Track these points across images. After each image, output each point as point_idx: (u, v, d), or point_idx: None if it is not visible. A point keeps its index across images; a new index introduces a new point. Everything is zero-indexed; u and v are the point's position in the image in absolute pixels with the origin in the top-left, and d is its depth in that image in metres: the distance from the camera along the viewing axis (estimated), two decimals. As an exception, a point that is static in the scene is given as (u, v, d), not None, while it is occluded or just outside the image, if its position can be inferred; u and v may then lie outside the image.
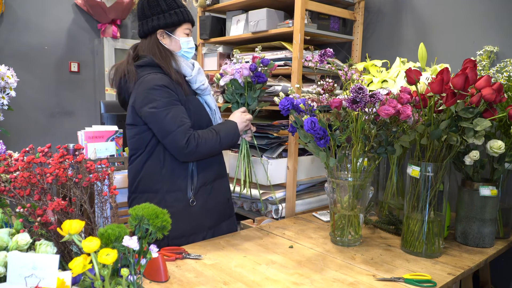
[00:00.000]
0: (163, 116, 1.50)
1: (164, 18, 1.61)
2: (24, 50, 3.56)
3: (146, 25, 1.63)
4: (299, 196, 2.16)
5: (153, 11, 1.61)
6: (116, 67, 1.65)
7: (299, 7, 1.98)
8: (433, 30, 2.14)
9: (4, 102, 1.96)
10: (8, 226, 1.11)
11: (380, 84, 1.87)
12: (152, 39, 1.63)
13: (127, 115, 1.62)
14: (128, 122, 1.62)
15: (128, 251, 0.90)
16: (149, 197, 1.59)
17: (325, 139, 1.49)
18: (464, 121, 1.41)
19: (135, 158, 1.62)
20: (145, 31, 1.64)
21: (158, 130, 1.53)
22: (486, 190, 1.56)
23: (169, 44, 1.65)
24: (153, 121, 1.52)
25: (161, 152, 1.58)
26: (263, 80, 1.80)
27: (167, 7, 1.61)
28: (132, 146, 1.63)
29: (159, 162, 1.58)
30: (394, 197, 1.85)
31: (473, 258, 1.48)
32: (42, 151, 1.17)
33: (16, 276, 0.89)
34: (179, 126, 1.50)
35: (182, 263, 1.37)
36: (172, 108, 1.51)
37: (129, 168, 1.65)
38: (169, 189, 1.59)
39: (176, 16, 1.62)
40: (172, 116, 1.50)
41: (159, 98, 1.50)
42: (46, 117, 3.75)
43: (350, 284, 1.24)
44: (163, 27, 1.62)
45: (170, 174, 1.59)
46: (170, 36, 1.64)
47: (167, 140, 1.52)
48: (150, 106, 1.50)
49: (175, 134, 1.49)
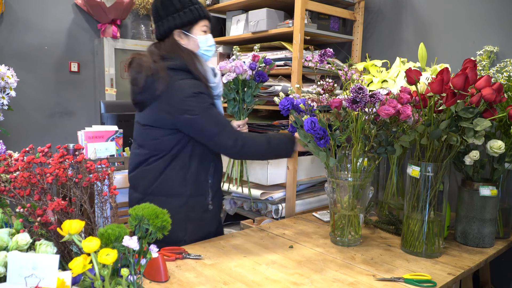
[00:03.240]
0: (204, 121, 1.48)
1: (180, 17, 1.55)
2: (24, 50, 3.55)
3: (162, 26, 1.57)
4: (299, 196, 2.16)
5: (167, 11, 1.55)
6: (138, 63, 1.53)
7: (299, 7, 1.98)
8: (433, 30, 2.14)
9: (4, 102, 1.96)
10: (8, 226, 1.11)
11: (380, 84, 1.87)
12: (170, 40, 1.57)
13: (149, 116, 1.55)
14: (149, 124, 1.55)
15: (128, 251, 0.90)
16: (169, 200, 1.53)
17: (325, 139, 1.49)
18: (464, 121, 1.41)
19: (156, 159, 1.56)
20: (162, 33, 1.58)
21: (201, 135, 1.52)
22: (486, 190, 1.56)
23: (187, 44, 1.58)
24: (194, 127, 1.50)
25: (186, 156, 1.55)
26: (266, 79, 1.82)
27: (181, 6, 1.55)
28: (154, 147, 1.56)
29: (184, 167, 1.56)
30: (394, 197, 1.85)
31: (473, 258, 1.48)
32: (42, 151, 1.17)
33: (16, 276, 0.89)
34: (223, 128, 1.51)
35: (182, 263, 1.37)
36: (211, 112, 1.50)
37: (146, 169, 1.58)
38: (192, 194, 1.58)
39: (192, 14, 1.56)
40: (213, 120, 1.50)
41: (197, 105, 1.48)
42: (46, 117, 3.75)
43: (350, 284, 1.24)
44: (179, 27, 1.56)
45: (194, 179, 1.58)
46: (188, 36, 1.58)
47: (213, 143, 1.52)
48: (189, 113, 1.47)
49: (221, 135, 1.50)
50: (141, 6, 3.94)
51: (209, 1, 2.47)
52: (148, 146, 1.58)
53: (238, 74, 1.78)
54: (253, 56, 1.83)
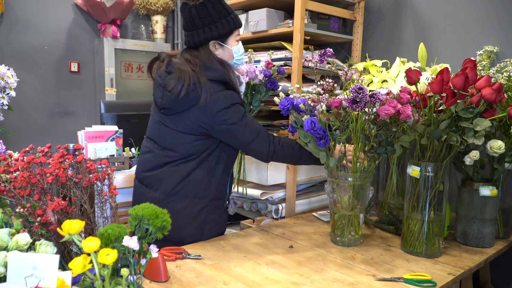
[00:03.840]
0: (241, 130, 1.53)
1: (217, 29, 1.52)
2: (24, 50, 3.55)
3: (198, 36, 1.53)
4: (299, 196, 2.16)
5: (204, 22, 1.51)
6: (179, 68, 1.50)
7: (299, 7, 1.98)
8: (433, 30, 2.14)
9: (4, 102, 1.96)
10: (8, 226, 1.11)
11: (380, 84, 1.87)
12: (205, 50, 1.55)
13: (181, 122, 1.53)
14: (180, 129, 1.54)
15: (128, 251, 0.90)
16: (192, 202, 1.57)
17: (325, 139, 1.49)
18: (464, 121, 1.41)
19: (184, 162, 1.56)
20: (196, 43, 1.55)
21: (238, 142, 1.57)
22: (486, 190, 1.56)
23: (222, 55, 1.58)
24: (232, 136, 1.54)
25: (214, 160, 1.59)
26: (276, 87, 1.86)
27: (218, 16, 1.52)
28: (184, 151, 1.56)
29: (210, 171, 1.59)
30: (394, 197, 1.85)
31: (473, 258, 1.48)
32: (42, 151, 1.17)
33: (16, 276, 0.89)
34: (258, 134, 1.56)
35: (182, 263, 1.37)
36: (246, 120, 1.54)
37: (170, 170, 1.57)
38: (215, 197, 1.62)
39: (228, 25, 1.54)
40: (249, 128, 1.54)
41: (233, 115, 1.51)
42: (46, 117, 3.75)
43: (350, 284, 1.24)
44: (216, 38, 1.54)
45: (218, 183, 1.62)
46: (223, 46, 1.57)
47: (249, 149, 1.59)
48: (226, 123, 1.50)
49: (256, 142, 1.56)
50: (141, 6, 3.94)
51: (209, 1, 2.47)
52: (177, 149, 1.57)
53: (250, 79, 1.81)
54: (267, 63, 1.84)
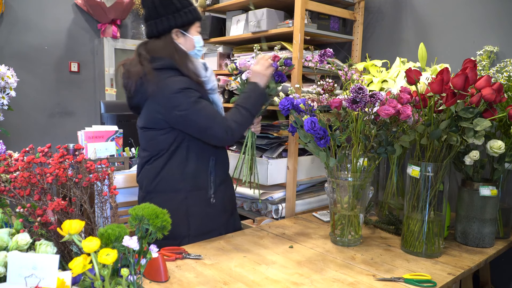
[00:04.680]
0: (195, 116, 1.50)
1: (180, 17, 1.57)
2: (24, 50, 3.56)
3: (161, 24, 1.57)
4: (299, 196, 2.16)
5: (168, 10, 1.56)
6: (127, 68, 1.58)
7: (299, 7, 1.98)
8: (433, 30, 2.14)
9: (4, 102, 1.96)
10: (8, 226, 1.11)
11: (380, 84, 1.87)
12: (167, 39, 1.59)
13: (144, 118, 1.59)
14: (145, 126, 1.59)
15: (128, 251, 0.90)
16: (169, 196, 1.58)
17: (325, 139, 1.49)
18: (464, 121, 1.41)
19: (156, 158, 1.59)
20: (159, 31, 1.58)
21: (193, 129, 1.54)
22: (486, 190, 1.56)
23: (183, 43, 1.62)
24: (185, 123, 1.52)
25: (183, 151, 1.58)
26: (284, 80, 1.80)
27: (181, 6, 1.58)
28: (154, 147, 1.59)
29: (182, 162, 1.58)
30: (394, 197, 1.85)
31: (473, 258, 1.48)
32: (42, 151, 1.17)
33: (16, 276, 0.89)
34: (213, 120, 1.52)
35: (182, 263, 1.37)
36: (200, 106, 1.52)
37: (147, 168, 1.62)
38: (192, 188, 1.60)
39: (191, 15, 1.60)
40: (203, 114, 1.51)
41: (185, 100, 1.50)
42: (46, 117, 3.75)
43: (350, 284, 1.24)
44: (179, 26, 1.58)
45: (193, 174, 1.60)
46: (185, 35, 1.61)
47: (205, 136, 1.55)
48: (178, 109, 1.49)
49: (212, 129, 1.52)
50: (141, 6, 3.94)
51: (209, 1, 2.47)
52: (148, 148, 1.62)
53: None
54: (274, 56, 1.82)
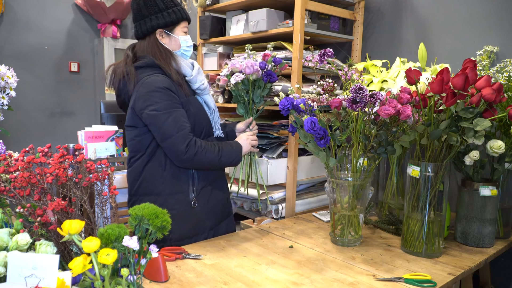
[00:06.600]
0: (163, 119, 1.48)
1: (163, 17, 1.59)
2: (24, 50, 3.56)
3: (145, 25, 1.60)
4: (299, 196, 2.16)
5: (151, 11, 1.59)
6: (113, 68, 1.62)
7: (299, 7, 1.98)
8: (433, 30, 2.14)
9: (4, 102, 1.96)
10: (8, 226, 1.11)
11: (380, 84, 1.87)
12: (151, 39, 1.61)
13: (127, 117, 1.61)
14: (127, 124, 1.61)
15: (128, 251, 0.90)
16: (151, 199, 1.56)
17: (325, 139, 1.49)
18: (464, 121, 1.41)
19: (135, 160, 1.61)
20: (144, 32, 1.61)
21: (157, 133, 1.51)
22: (486, 190, 1.56)
23: (168, 43, 1.63)
24: (153, 123, 1.51)
25: (162, 154, 1.57)
26: (275, 79, 1.76)
27: (164, 6, 1.60)
28: (132, 148, 1.61)
29: (161, 165, 1.57)
30: (394, 197, 1.85)
31: (473, 258, 1.48)
32: (42, 151, 1.17)
33: (16, 276, 0.89)
34: (179, 131, 1.49)
35: (182, 263, 1.37)
36: (173, 112, 1.50)
37: (129, 171, 1.64)
38: (171, 191, 1.58)
39: (175, 15, 1.61)
40: (172, 120, 1.49)
41: (160, 101, 1.49)
42: (46, 117, 3.75)
43: (350, 284, 1.24)
44: (162, 27, 1.60)
45: (172, 177, 1.58)
46: (169, 35, 1.63)
47: (166, 144, 1.51)
48: (151, 108, 1.49)
49: (175, 138, 1.48)
50: (141, 6, 3.93)
51: (209, 1, 2.47)
52: (130, 147, 1.63)
53: (248, 74, 1.71)
54: (264, 55, 1.78)
